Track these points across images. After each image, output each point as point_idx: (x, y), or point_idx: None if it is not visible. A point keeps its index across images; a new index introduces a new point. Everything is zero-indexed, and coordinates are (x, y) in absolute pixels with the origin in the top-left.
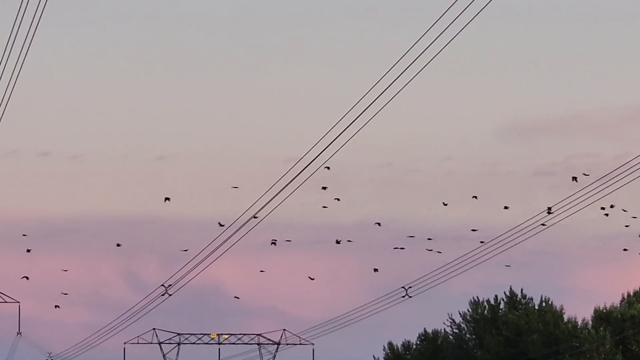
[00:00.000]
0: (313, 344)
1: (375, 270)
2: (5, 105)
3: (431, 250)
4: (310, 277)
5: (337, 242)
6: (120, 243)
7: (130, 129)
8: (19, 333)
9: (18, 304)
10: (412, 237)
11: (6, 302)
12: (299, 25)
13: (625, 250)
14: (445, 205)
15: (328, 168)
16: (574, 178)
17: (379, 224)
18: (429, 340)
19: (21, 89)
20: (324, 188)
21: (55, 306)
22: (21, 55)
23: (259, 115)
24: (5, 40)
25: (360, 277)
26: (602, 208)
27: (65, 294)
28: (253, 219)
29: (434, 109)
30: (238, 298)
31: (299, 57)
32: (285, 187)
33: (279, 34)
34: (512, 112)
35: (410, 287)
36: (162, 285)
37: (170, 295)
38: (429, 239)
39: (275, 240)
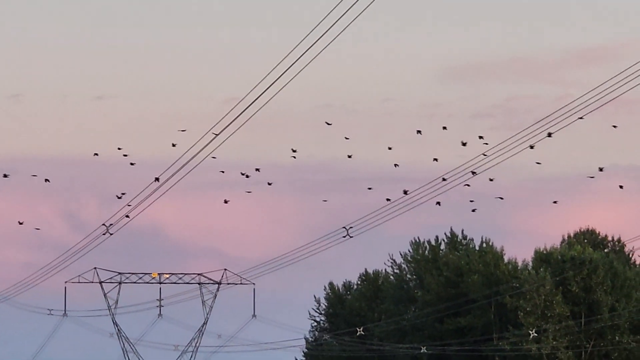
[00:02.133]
0: (254, 283)
1: (325, 201)
2: None
3: (371, 188)
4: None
5: (269, 184)
6: (58, 183)
7: (69, 69)
8: None
9: None
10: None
11: None
12: None
13: (555, 202)
14: (390, 149)
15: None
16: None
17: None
18: (369, 280)
19: None
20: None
21: None
22: None
23: (197, 57)
24: None
25: (300, 217)
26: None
27: None
28: (192, 159)
29: (373, 51)
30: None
31: (239, 1)
32: (226, 127)
33: None
34: (452, 55)
35: (351, 227)
36: (103, 224)
37: (111, 234)
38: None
39: (249, 174)
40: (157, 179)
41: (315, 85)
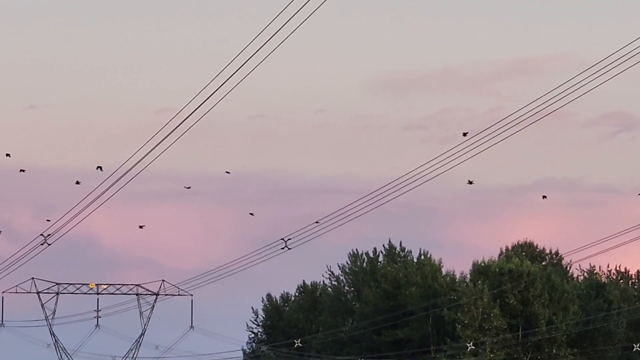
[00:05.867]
0: (192, 295)
1: (251, 214)
2: None
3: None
4: (140, 226)
5: (187, 188)
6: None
7: (1, 78)
8: None
9: None
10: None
11: None
12: None
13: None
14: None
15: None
16: (470, 182)
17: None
18: (307, 292)
19: None
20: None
21: None
22: None
23: (131, 67)
24: None
25: (236, 228)
26: (470, 182)
27: None
28: (126, 170)
29: (307, 62)
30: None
31: (176, 11)
32: (163, 139)
33: None
34: (386, 66)
35: (289, 239)
36: (42, 234)
37: (49, 244)
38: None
39: (189, 186)
40: (77, 182)
41: (248, 96)
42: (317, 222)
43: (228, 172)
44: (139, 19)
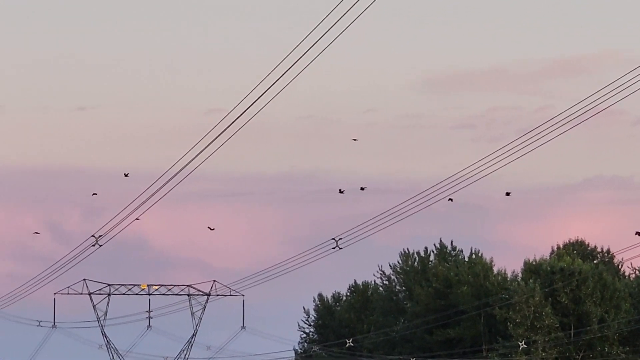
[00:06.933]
0: (243, 295)
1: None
2: None
3: (364, 188)
4: (209, 227)
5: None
6: (42, 195)
7: (50, 80)
8: None
9: None
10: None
11: None
12: None
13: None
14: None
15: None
16: (507, 193)
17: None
18: (359, 291)
19: None
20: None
21: None
22: None
23: (180, 68)
24: None
25: (286, 228)
26: (507, 194)
27: None
28: (176, 171)
29: (356, 62)
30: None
31: (226, 12)
32: (213, 141)
33: None
34: (434, 65)
35: (340, 239)
36: (93, 235)
37: (100, 245)
38: (362, 188)
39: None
40: (126, 174)
41: (297, 96)
42: (341, 191)
43: (363, 189)
44: (188, 19)
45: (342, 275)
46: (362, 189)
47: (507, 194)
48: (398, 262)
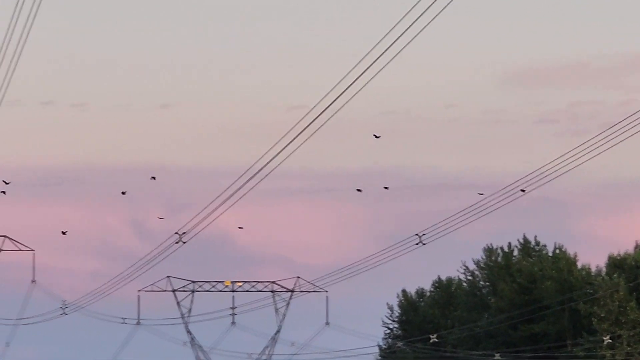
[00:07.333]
0: (327, 291)
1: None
2: (14, 54)
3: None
4: (239, 227)
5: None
6: (125, 191)
7: (133, 77)
8: (33, 281)
9: (33, 252)
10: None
11: (21, 250)
12: None
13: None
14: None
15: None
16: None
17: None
18: (442, 287)
19: (24, 38)
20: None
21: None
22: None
23: (262, 65)
24: None
25: (368, 224)
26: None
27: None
28: (259, 168)
29: (437, 57)
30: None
31: (307, 9)
32: (295, 137)
33: None
34: (516, 60)
35: (424, 235)
36: (176, 233)
37: (184, 243)
38: (359, 190)
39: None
40: (153, 178)
41: (379, 92)
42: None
43: (360, 190)
44: (270, 17)
45: (425, 271)
46: (358, 190)
47: (522, 190)
48: (482, 258)
